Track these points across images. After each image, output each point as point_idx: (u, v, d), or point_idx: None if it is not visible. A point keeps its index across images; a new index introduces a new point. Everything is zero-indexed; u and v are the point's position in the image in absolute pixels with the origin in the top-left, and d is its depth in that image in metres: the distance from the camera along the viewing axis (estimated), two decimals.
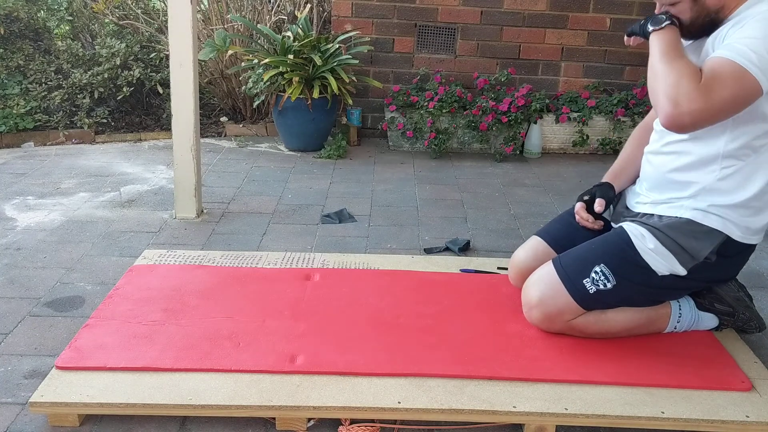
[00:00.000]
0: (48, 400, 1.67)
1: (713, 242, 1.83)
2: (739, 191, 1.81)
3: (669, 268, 1.85)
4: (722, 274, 1.95)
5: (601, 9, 4.36)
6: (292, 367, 1.81)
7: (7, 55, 4.34)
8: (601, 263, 1.89)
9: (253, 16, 4.45)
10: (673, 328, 2.02)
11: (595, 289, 1.88)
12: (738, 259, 1.92)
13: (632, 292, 1.91)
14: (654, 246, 1.85)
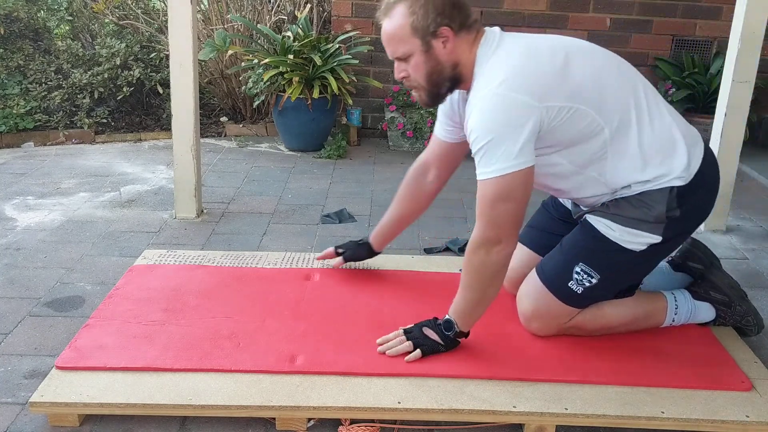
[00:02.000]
0: (48, 400, 1.67)
1: (665, 198, 1.79)
2: (632, 169, 1.79)
3: (644, 242, 1.83)
4: (696, 216, 1.88)
5: (601, 9, 4.36)
6: (292, 367, 1.81)
7: (7, 55, 4.34)
8: (579, 263, 1.88)
9: (253, 16, 4.45)
10: (671, 321, 2.02)
11: (582, 288, 1.88)
12: (702, 195, 1.85)
13: (621, 277, 1.91)
14: (619, 230, 1.83)
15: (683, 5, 4.37)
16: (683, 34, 4.45)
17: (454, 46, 1.75)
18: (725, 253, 2.80)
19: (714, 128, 3.01)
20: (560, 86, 1.69)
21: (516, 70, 1.67)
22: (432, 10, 1.72)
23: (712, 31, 4.44)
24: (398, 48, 1.78)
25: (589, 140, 1.76)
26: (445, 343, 1.84)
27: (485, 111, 1.65)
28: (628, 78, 1.81)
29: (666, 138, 1.80)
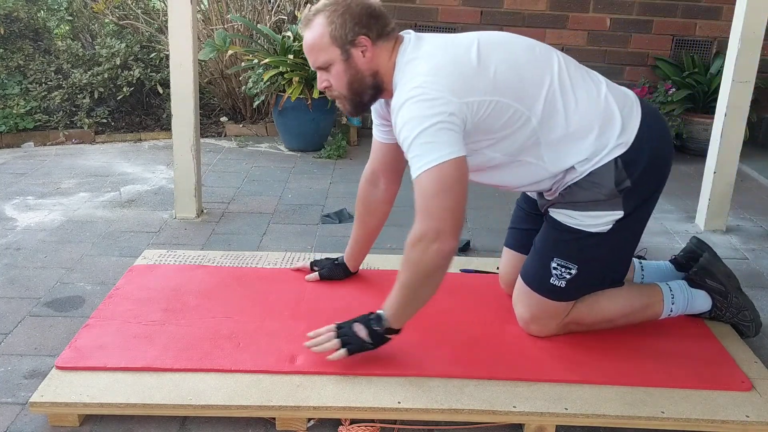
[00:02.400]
0: (48, 400, 1.67)
1: (611, 173, 1.79)
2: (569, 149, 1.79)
3: (608, 220, 1.82)
4: (652, 180, 1.86)
5: (601, 9, 4.36)
6: (292, 367, 1.81)
7: (7, 55, 4.34)
8: (553, 258, 1.88)
9: (253, 16, 4.45)
10: (669, 311, 2.02)
11: (564, 282, 1.88)
12: (651, 157, 1.82)
13: (601, 261, 1.89)
14: (580, 216, 1.83)
15: (683, 5, 4.37)
16: (683, 34, 4.45)
17: (373, 54, 1.78)
18: (725, 253, 2.80)
19: (714, 128, 3.02)
20: (478, 81, 1.71)
21: (433, 71, 1.70)
22: (350, 19, 1.75)
23: (712, 31, 4.44)
24: (319, 57, 1.80)
25: (517, 130, 1.77)
26: (373, 341, 1.78)
27: (409, 112, 1.67)
28: (545, 60, 1.83)
29: (596, 111, 1.80)
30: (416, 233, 1.65)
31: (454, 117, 1.65)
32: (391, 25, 1.81)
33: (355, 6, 1.77)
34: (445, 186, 1.63)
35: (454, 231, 1.65)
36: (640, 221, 1.91)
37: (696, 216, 3.20)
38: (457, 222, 1.66)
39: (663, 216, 3.29)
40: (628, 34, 4.42)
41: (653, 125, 1.85)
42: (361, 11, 1.76)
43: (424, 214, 1.64)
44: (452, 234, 1.65)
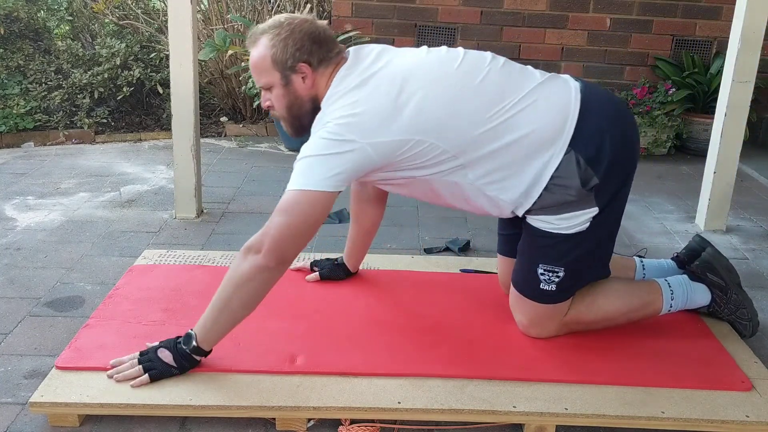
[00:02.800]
0: (48, 400, 1.67)
1: (575, 172, 1.76)
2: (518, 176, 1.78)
3: (584, 219, 1.81)
4: (621, 168, 1.83)
5: (601, 9, 4.36)
6: (292, 367, 1.81)
7: (7, 55, 4.34)
8: (538, 264, 1.88)
9: (253, 16, 4.45)
10: (668, 306, 2.01)
11: (554, 285, 1.87)
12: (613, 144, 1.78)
13: (586, 259, 1.88)
14: (555, 220, 1.82)
15: (683, 5, 4.37)
16: (683, 34, 4.45)
17: (312, 81, 1.79)
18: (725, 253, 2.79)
19: (714, 128, 3.02)
20: (393, 122, 1.70)
21: (347, 110, 1.71)
22: (292, 45, 1.76)
23: (712, 31, 4.44)
24: (261, 78, 1.82)
25: (444, 168, 1.77)
26: (178, 365, 1.73)
27: (314, 138, 1.71)
28: (490, 89, 1.77)
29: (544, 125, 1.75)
30: (249, 241, 1.68)
31: (352, 157, 1.67)
32: (335, 49, 1.81)
33: (299, 31, 1.77)
34: (294, 211, 1.65)
35: (277, 254, 1.65)
36: (618, 211, 1.89)
37: (696, 216, 3.20)
38: (284, 247, 1.65)
39: (663, 216, 3.29)
40: (628, 34, 4.42)
41: (611, 116, 1.82)
42: (303, 37, 1.76)
43: (265, 227, 1.67)
44: (275, 256, 1.64)
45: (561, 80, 1.86)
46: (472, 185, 1.81)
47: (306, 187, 1.66)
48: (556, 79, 1.85)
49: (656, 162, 4.22)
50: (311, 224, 1.69)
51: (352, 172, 1.70)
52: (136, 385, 1.70)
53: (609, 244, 1.94)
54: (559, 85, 1.83)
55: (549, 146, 1.76)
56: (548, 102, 1.78)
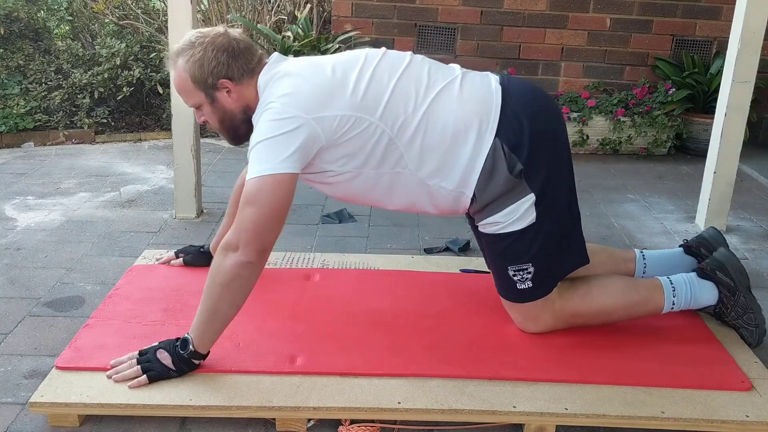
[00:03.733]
0: (48, 400, 1.67)
1: (499, 162, 1.78)
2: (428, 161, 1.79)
3: (526, 208, 1.80)
4: (546, 154, 1.83)
5: (601, 9, 4.36)
6: (292, 367, 1.81)
7: (7, 55, 4.34)
8: (506, 266, 1.89)
9: (253, 16, 4.45)
10: (671, 304, 1.99)
11: (529, 281, 1.88)
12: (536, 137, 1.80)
13: (549, 247, 1.87)
14: (501, 217, 1.82)
15: (683, 5, 4.37)
16: (683, 34, 4.45)
17: (239, 93, 1.80)
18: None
19: (714, 128, 3.02)
20: (333, 97, 1.73)
21: (286, 89, 1.73)
22: (207, 64, 1.76)
23: (712, 31, 4.44)
24: (187, 99, 1.85)
25: (384, 150, 1.77)
26: (177, 368, 1.72)
27: (259, 126, 1.71)
28: (414, 77, 1.82)
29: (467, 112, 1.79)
30: (224, 240, 1.67)
31: (300, 135, 1.67)
32: (255, 58, 1.81)
33: (212, 49, 1.77)
34: (259, 199, 1.64)
35: (253, 245, 1.64)
36: (561, 196, 1.87)
37: (696, 216, 3.20)
38: (260, 238, 1.65)
39: (663, 216, 3.29)
40: (628, 34, 4.42)
41: (527, 101, 1.84)
42: (218, 53, 1.76)
43: (236, 222, 1.66)
44: (254, 248, 1.64)
45: (481, 74, 1.90)
46: (413, 176, 1.81)
47: (265, 173, 1.65)
48: (475, 73, 1.89)
49: (656, 162, 4.22)
50: (280, 208, 1.67)
51: (304, 150, 1.70)
52: (133, 386, 1.70)
53: (570, 231, 1.92)
54: (479, 77, 1.88)
55: (475, 133, 1.78)
56: (471, 91, 1.82)
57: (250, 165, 1.68)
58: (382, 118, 1.76)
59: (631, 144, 4.32)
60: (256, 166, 1.67)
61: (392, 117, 1.76)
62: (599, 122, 4.28)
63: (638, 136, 4.28)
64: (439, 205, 1.90)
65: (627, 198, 3.54)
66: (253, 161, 1.68)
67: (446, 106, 1.79)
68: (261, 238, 1.66)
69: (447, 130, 1.78)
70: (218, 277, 1.67)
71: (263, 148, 1.67)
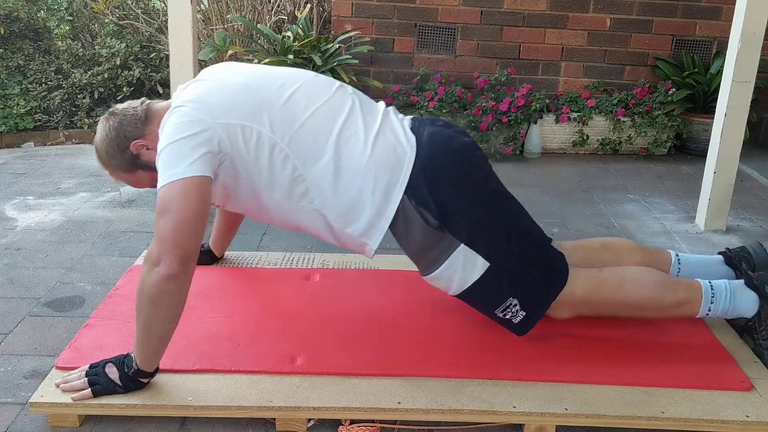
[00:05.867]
0: (48, 400, 1.68)
1: (410, 216, 1.76)
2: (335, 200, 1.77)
3: (467, 257, 1.78)
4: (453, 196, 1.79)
5: (601, 9, 4.36)
6: (291, 367, 1.81)
7: (7, 55, 4.34)
8: (493, 312, 1.88)
9: (253, 16, 4.45)
10: (707, 310, 1.93)
11: (521, 313, 1.85)
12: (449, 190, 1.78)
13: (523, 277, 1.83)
14: (447, 272, 1.81)
15: (683, 5, 4.37)
16: (683, 34, 4.45)
17: (152, 141, 1.79)
18: None
19: (714, 128, 3.02)
20: (234, 106, 1.71)
21: (193, 95, 1.74)
22: (113, 151, 1.81)
23: (712, 31, 4.44)
24: (122, 182, 1.91)
25: (291, 179, 1.75)
26: (123, 385, 1.68)
27: (166, 128, 1.69)
28: (330, 113, 1.79)
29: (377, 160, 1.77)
30: (146, 255, 1.62)
31: (206, 135, 1.66)
32: (136, 104, 1.82)
33: (107, 139, 1.81)
34: (170, 206, 1.60)
35: (177, 255, 1.57)
36: (497, 233, 1.81)
37: (696, 216, 3.20)
38: (180, 246, 1.58)
39: (663, 216, 3.29)
40: (628, 34, 4.42)
41: (440, 152, 1.80)
42: (118, 135, 1.80)
43: (154, 235, 1.61)
44: (175, 258, 1.56)
45: (399, 122, 1.85)
46: (318, 213, 1.79)
47: (173, 179, 1.61)
48: (394, 121, 1.85)
49: (656, 162, 4.22)
50: (195, 213, 1.61)
51: (211, 155, 1.66)
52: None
53: (534, 251, 1.86)
54: (396, 126, 1.83)
55: (383, 188, 1.75)
56: (384, 144, 1.78)
57: (159, 172, 1.64)
58: (291, 144, 1.73)
59: (631, 144, 4.32)
60: (164, 172, 1.62)
61: (300, 146, 1.73)
62: (599, 122, 4.28)
63: (638, 136, 4.28)
64: (346, 245, 1.88)
65: (627, 198, 3.54)
66: (161, 168, 1.64)
67: (355, 155, 1.75)
68: (181, 246, 1.58)
69: (355, 179, 1.75)
70: (144, 294, 1.59)
71: (170, 152, 1.64)
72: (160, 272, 1.56)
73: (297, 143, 1.74)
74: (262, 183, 1.76)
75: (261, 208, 1.84)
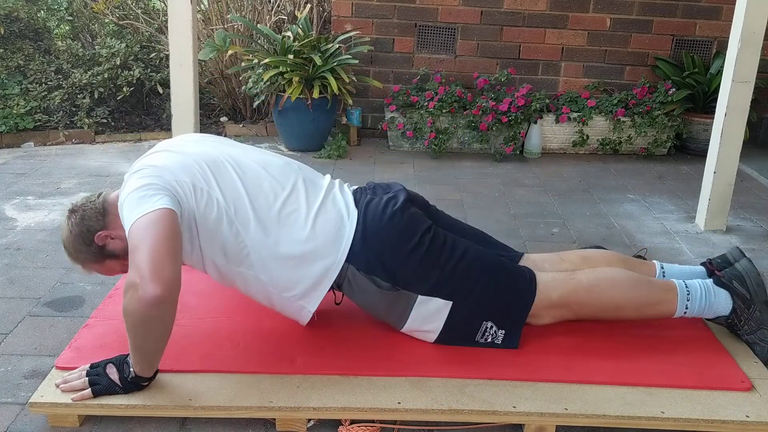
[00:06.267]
0: (48, 400, 1.67)
1: (365, 282, 1.85)
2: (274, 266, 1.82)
3: (429, 305, 1.86)
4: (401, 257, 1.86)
5: (601, 9, 4.36)
6: (292, 367, 1.81)
7: (7, 55, 4.34)
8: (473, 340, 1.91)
9: (253, 16, 4.45)
10: (683, 309, 1.95)
11: (500, 333, 1.91)
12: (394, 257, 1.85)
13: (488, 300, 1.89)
14: (418, 324, 1.89)
15: (683, 5, 4.37)
16: (683, 34, 4.45)
17: (116, 230, 1.81)
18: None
19: (714, 128, 3.02)
20: (193, 168, 1.79)
21: (148, 163, 1.80)
22: (82, 246, 1.84)
23: (712, 31, 4.44)
24: (105, 273, 1.92)
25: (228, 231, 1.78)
26: (123, 386, 1.70)
27: (126, 185, 1.74)
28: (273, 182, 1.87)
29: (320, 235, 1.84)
30: (125, 282, 1.61)
31: (165, 187, 1.71)
32: (96, 202, 1.85)
33: (73, 239, 1.83)
34: (142, 236, 1.60)
35: (153, 276, 1.54)
36: (453, 274, 1.87)
37: (696, 216, 3.20)
38: (156, 267, 1.56)
39: (663, 216, 3.29)
40: (628, 34, 4.42)
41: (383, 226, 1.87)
42: (81, 230, 1.83)
43: (130, 267, 1.60)
44: (152, 279, 1.54)
45: (341, 196, 1.94)
46: (257, 279, 1.83)
47: (140, 214, 1.63)
48: (336, 196, 1.93)
49: (656, 162, 4.22)
50: (169, 235, 1.62)
51: (172, 198, 1.70)
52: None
53: (491, 276, 1.90)
54: (338, 201, 1.92)
55: (323, 263, 1.83)
56: (325, 222, 1.85)
57: (125, 217, 1.66)
58: (236, 211, 1.79)
59: (631, 144, 4.32)
60: (130, 214, 1.65)
61: (244, 215, 1.79)
62: (599, 122, 4.28)
63: (638, 136, 4.28)
64: (282, 310, 1.92)
65: (627, 198, 3.54)
66: (127, 212, 1.66)
67: (296, 230, 1.82)
68: (161, 269, 1.56)
69: (294, 252, 1.81)
70: (130, 317, 1.59)
71: (132, 198, 1.67)
72: (142, 296, 1.54)
73: (242, 211, 1.80)
74: (206, 243, 1.80)
75: (203, 265, 1.87)
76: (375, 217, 1.88)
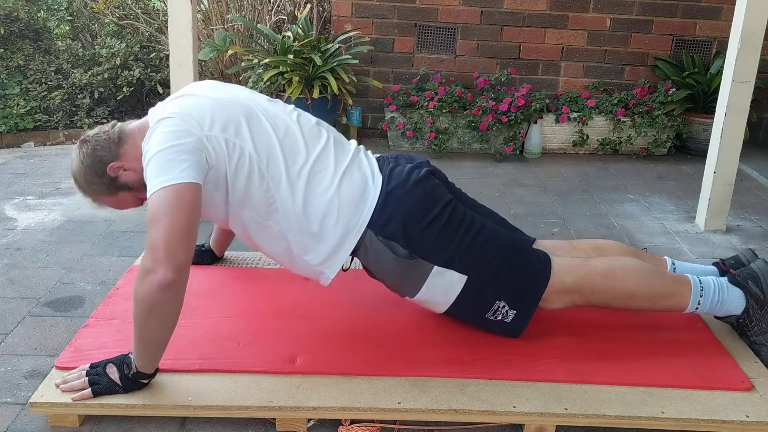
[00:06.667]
0: (48, 400, 1.67)
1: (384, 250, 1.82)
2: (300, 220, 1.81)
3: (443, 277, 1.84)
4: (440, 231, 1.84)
5: (601, 9, 4.36)
6: (292, 367, 1.81)
7: (7, 55, 4.34)
8: (482, 317, 1.91)
9: (253, 16, 4.45)
10: (696, 305, 1.92)
11: (512, 312, 1.89)
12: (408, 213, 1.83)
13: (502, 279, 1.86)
14: (428, 296, 1.88)
15: (683, 5, 4.37)
16: (683, 34, 4.45)
17: (129, 162, 1.80)
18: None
19: (714, 128, 3.02)
20: (226, 120, 1.76)
21: (176, 108, 1.76)
22: (94, 178, 1.82)
23: (712, 31, 4.44)
24: (113, 208, 1.93)
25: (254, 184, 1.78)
26: (124, 386, 1.69)
27: (153, 138, 1.70)
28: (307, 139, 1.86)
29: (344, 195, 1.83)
30: (139, 265, 1.61)
31: (194, 144, 1.68)
32: (110, 132, 1.82)
33: (84, 170, 1.81)
34: (162, 213, 1.60)
35: (172, 262, 1.56)
36: (472, 248, 1.85)
37: (696, 216, 3.20)
38: (173, 253, 1.57)
39: (663, 216, 3.29)
40: (628, 34, 4.42)
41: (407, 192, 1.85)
42: (93, 161, 1.80)
43: (147, 244, 1.60)
44: (168, 265, 1.55)
45: (367, 161, 1.92)
46: (282, 236, 1.83)
47: (164, 185, 1.61)
48: (362, 160, 1.91)
49: (656, 162, 4.22)
50: (187, 218, 1.62)
51: (198, 164, 1.68)
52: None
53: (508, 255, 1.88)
54: (364, 166, 1.90)
55: (344, 224, 1.82)
56: (350, 183, 1.84)
57: (149, 180, 1.64)
58: (268, 166, 1.78)
59: (631, 144, 4.32)
60: (154, 179, 1.63)
61: (276, 170, 1.79)
62: (599, 122, 4.28)
63: (638, 136, 4.28)
64: (301, 272, 1.92)
65: (627, 198, 3.54)
66: (151, 176, 1.64)
67: (322, 188, 1.82)
68: (174, 253, 1.58)
69: (319, 210, 1.80)
70: (141, 304, 1.59)
71: (159, 160, 1.65)
72: (154, 281, 1.56)
73: (274, 166, 1.79)
74: (236, 198, 1.80)
75: (229, 221, 1.88)
76: (399, 184, 1.86)
